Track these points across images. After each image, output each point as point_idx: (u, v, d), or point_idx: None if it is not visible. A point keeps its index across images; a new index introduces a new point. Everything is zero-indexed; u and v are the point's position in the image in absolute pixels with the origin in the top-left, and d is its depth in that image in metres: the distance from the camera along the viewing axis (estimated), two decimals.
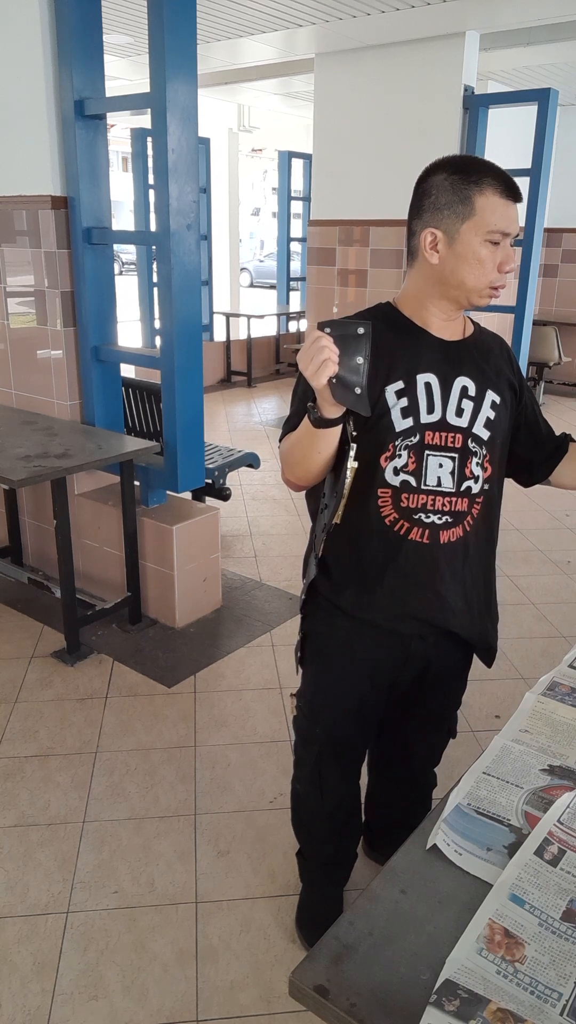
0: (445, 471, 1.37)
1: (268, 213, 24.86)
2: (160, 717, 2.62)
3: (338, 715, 1.61)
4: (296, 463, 1.35)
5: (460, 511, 1.40)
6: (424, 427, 1.36)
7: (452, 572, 1.44)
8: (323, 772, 1.68)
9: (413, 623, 1.47)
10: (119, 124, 11.98)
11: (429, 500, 1.38)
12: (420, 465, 1.36)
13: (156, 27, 2.55)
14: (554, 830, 0.95)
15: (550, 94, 4.87)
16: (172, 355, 2.89)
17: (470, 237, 1.29)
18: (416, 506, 1.38)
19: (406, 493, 1.38)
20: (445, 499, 1.39)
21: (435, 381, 1.37)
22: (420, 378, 1.36)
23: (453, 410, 1.37)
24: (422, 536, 1.40)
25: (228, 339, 8.21)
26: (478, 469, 1.40)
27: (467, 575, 1.47)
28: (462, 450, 1.38)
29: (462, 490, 1.39)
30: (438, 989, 0.76)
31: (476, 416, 1.39)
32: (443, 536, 1.40)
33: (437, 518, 1.39)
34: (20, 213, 3.11)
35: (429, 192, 1.32)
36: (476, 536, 1.45)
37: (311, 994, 0.78)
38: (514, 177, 1.35)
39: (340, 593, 1.49)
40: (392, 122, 5.46)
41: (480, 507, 1.43)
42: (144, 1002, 1.66)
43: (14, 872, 1.99)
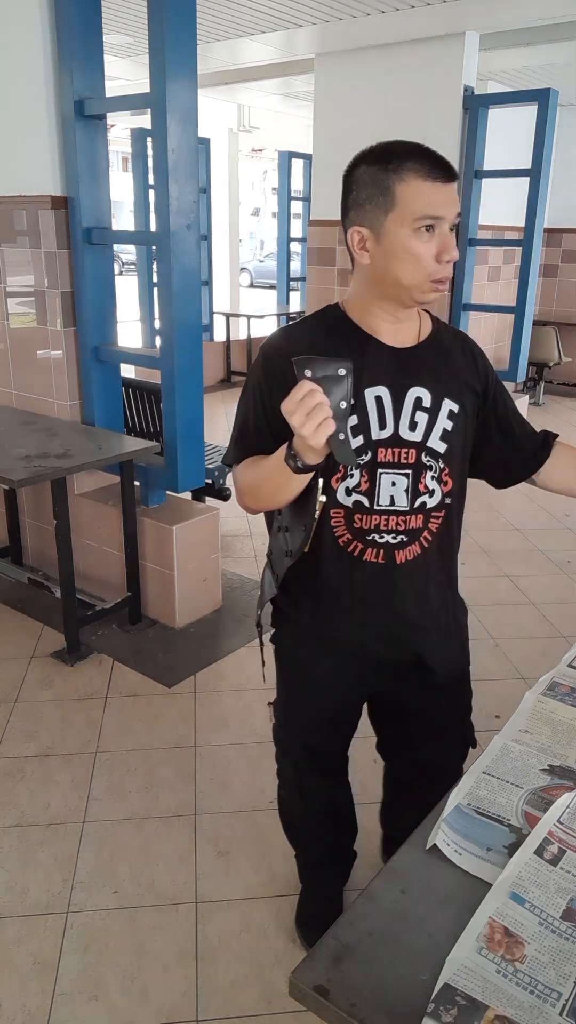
0: (399, 489, 1.30)
1: (268, 213, 24.86)
2: (160, 717, 2.62)
3: (310, 726, 1.59)
4: (264, 497, 1.31)
5: (415, 528, 1.34)
6: (376, 444, 1.28)
7: (413, 591, 1.39)
8: (302, 780, 1.67)
9: (373, 645, 1.43)
10: (119, 124, 11.97)
11: (382, 520, 1.32)
12: (373, 484, 1.30)
13: (156, 27, 2.55)
14: (554, 830, 0.95)
15: (550, 94, 4.88)
16: (172, 355, 2.89)
17: (396, 229, 1.19)
18: (369, 527, 1.32)
19: (359, 513, 1.31)
20: (399, 518, 1.32)
21: (386, 395, 1.28)
22: (370, 392, 1.27)
23: (406, 424, 1.29)
24: (377, 556, 1.34)
25: (228, 339, 8.21)
26: (433, 483, 1.33)
27: (430, 592, 1.41)
28: (415, 466, 1.31)
29: (416, 507, 1.32)
30: (436, 997, 0.76)
31: (431, 429, 1.30)
32: (399, 556, 1.34)
33: (392, 537, 1.33)
34: (20, 213, 3.10)
35: (351, 188, 1.24)
36: (437, 551, 1.39)
37: (311, 994, 0.78)
38: (514, 177, 1.32)
39: (300, 611, 1.47)
40: (392, 122, 5.43)
41: (439, 522, 1.36)
42: (144, 1002, 1.66)
43: (14, 872, 1.99)
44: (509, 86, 6.71)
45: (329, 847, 1.80)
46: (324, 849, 1.79)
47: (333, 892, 1.84)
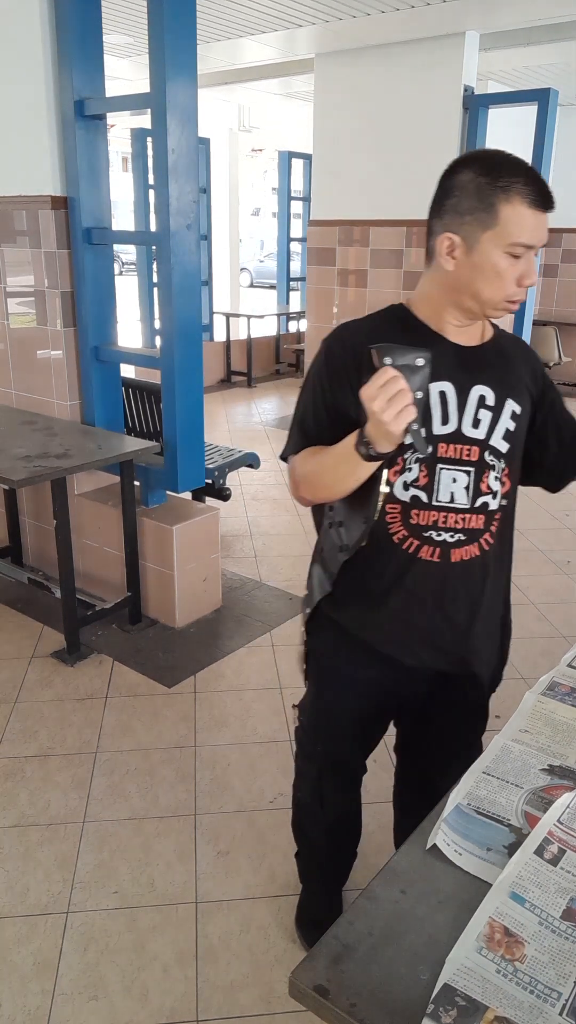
0: (459, 486, 1.29)
1: (268, 213, 24.86)
2: (160, 717, 2.62)
3: (339, 735, 1.59)
4: (324, 487, 1.30)
5: (475, 529, 1.32)
6: (437, 439, 1.27)
7: (467, 593, 1.36)
8: (324, 787, 1.67)
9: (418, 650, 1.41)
10: (119, 124, 11.97)
11: (441, 517, 1.30)
12: (432, 479, 1.28)
13: (156, 27, 2.55)
14: (554, 830, 0.95)
15: (550, 94, 4.88)
16: (172, 355, 2.89)
17: (490, 248, 1.18)
18: (427, 523, 1.30)
19: (416, 509, 1.30)
20: (458, 516, 1.30)
21: (450, 390, 1.28)
22: (434, 387, 1.26)
23: (469, 421, 1.28)
24: (432, 555, 1.32)
25: (228, 339, 8.21)
26: (496, 484, 1.31)
27: (484, 596, 1.38)
28: (478, 464, 1.29)
29: (477, 506, 1.30)
30: (435, 998, 0.76)
31: (494, 427, 1.30)
32: (455, 555, 1.32)
33: (449, 536, 1.31)
34: (20, 213, 3.10)
35: (452, 192, 1.20)
36: (494, 555, 1.36)
37: (311, 994, 0.78)
38: None
39: (342, 611, 1.44)
40: (392, 122, 5.46)
41: (497, 524, 1.35)
42: (144, 1002, 1.66)
43: (14, 872, 1.99)
44: (509, 86, 6.71)
45: (336, 853, 1.80)
46: (331, 855, 1.79)
47: (333, 893, 1.84)
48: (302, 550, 3.97)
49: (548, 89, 4.89)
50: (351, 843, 1.82)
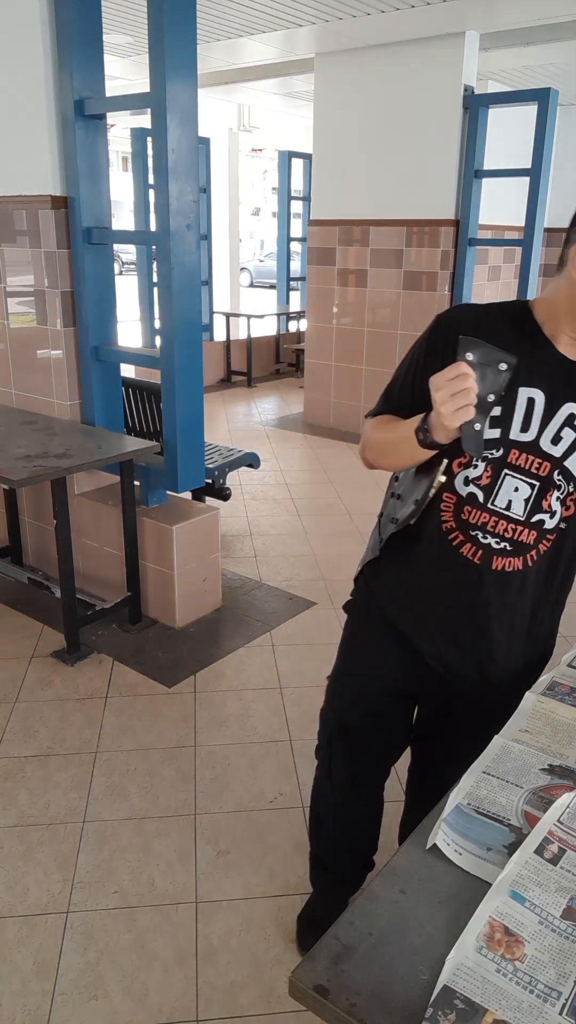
0: (519, 496, 1.25)
1: (268, 213, 24.86)
2: (160, 717, 2.62)
3: (352, 704, 1.58)
4: (384, 457, 1.33)
5: (524, 542, 1.28)
6: (511, 444, 1.23)
7: (500, 602, 1.33)
8: (332, 758, 1.65)
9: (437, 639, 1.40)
10: (119, 124, 11.97)
11: (492, 520, 1.27)
12: (494, 482, 1.25)
13: (156, 27, 2.55)
14: (554, 829, 0.95)
15: (550, 94, 4.88)
16: (172, 355, 2.89)
17: None
18: (476, 522, 1.28)
19: (470, 506, 1.28)
20: (510, 525, 1.27)
21: (540, 399, 1.22)
22: (524, 391, 1.22)
23: (550, 436, 1.23)
24: (474, 555, 1.30)
25: (228, 339, 8.21)
26: (557, 504, 1.26)
27: (517, 612, 1.35)
28: (545, 480, 1.24)
29: (532, 521, 1.27)
30: (434, 1000, 0.76)
31: (574, 450, 1.23)
32: (496, 562, 1.29)
33: (495, 542, 1.28)
34: (20, 213, 3.10)
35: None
36: (537, 572, 1.33)
37: (311, 994, 0.78)
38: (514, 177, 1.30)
39: (378, 579, 1.47)
40: (392, 122, 5.46)
41: (549, 544, 1.30)
42: (144, 1002, 1.66)
43: (14, 872, 1.99)
44: (509, 86, 6.71)
45: (341, 849, 1.76)
46: (337, 841, 1.76)
47: (333, 902, 1.80)
48: (302, 550, 3.97)
49: (548, 89, 4.89)
50: (358, 849, 1.78)
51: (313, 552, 3.93)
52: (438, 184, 5.34)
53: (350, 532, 4.20)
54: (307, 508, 4.59)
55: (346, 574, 1.63)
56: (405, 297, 5.72)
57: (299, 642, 3.11)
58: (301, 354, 7.89)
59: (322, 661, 2.81)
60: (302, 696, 2.73)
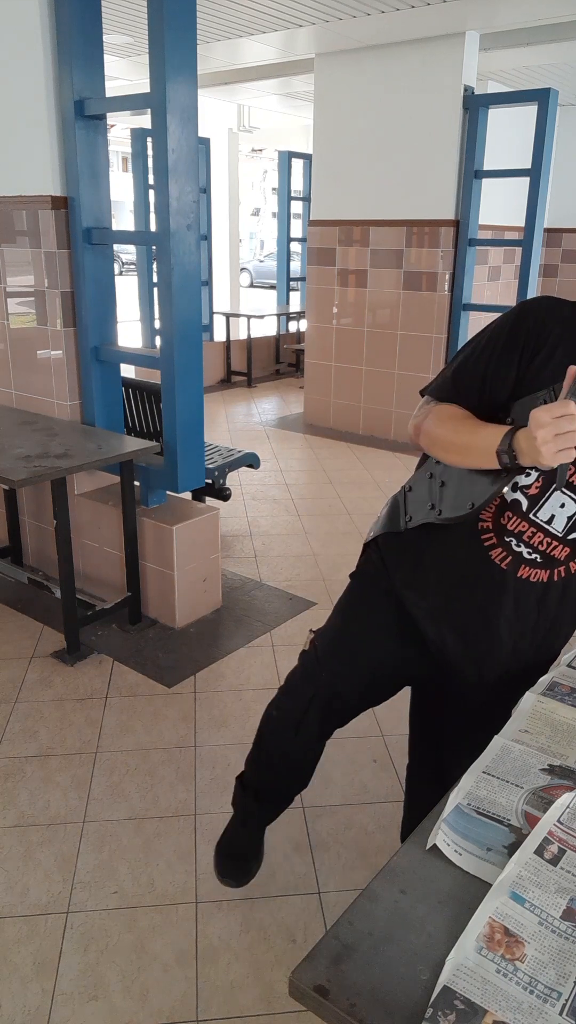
0: (564, 512, 1.24)
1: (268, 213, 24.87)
2: (160, 717, 2.62)
3: (346, 672, 1.56)
4: (447, 454, 1.27)
5: (555, 558, 1.28)
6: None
7: (517, 608, 1.33)
8: (309, 714, 1.61)
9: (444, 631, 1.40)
10: (119, 124, 11.98)
11: (529, 531, 1.26)
12: (542, 494, 1.23)
13: (156, 27, 2.55)
14: (554, 830, 0.95)
15: (550, 94, 4.88)
16: (172, 355, 2.89)
17: None
18: (514, 529, 1.27)
19: (511, 512, 1.26)
20: (546, 538, 1.26)
21: None
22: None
23: None
24: (502, 560, 1.29)
25: (228, 339, 8.21)
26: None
27: (534, 620, 1.35)
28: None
29: (570, 539, 1.26)
30: (434, 1001, 0.76)
31: None
32: (522, 570, 1.29)
33: (527, 552, 1.27)
34: (20, 213, 3.11)
35: None
36: (563, 589, 1.32)
37: (311, 994, 0.78)
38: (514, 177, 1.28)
39: (399, 557, 1.43)
40: (392, 122, 5.47)
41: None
42: (144, 1002, 1.66)
43: (14, 872, 1.99)
44: (509, 86, 6.71)
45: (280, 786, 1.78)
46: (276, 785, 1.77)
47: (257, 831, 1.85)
48: (302, 550, 3.97)
49: (548, 89, 4.89)
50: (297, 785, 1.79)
51: (313, 552, 3.93)
52: (438, 184, 5.34)
53: (350, 532, 4.20)
54: (307, 508, 4.59)
55: (346, 574, 1.63)
56: (405, 297, 5.72)
57: (299, 642, 3.11)
58: (301, 354, 7.89)
59: None
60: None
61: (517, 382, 1.23)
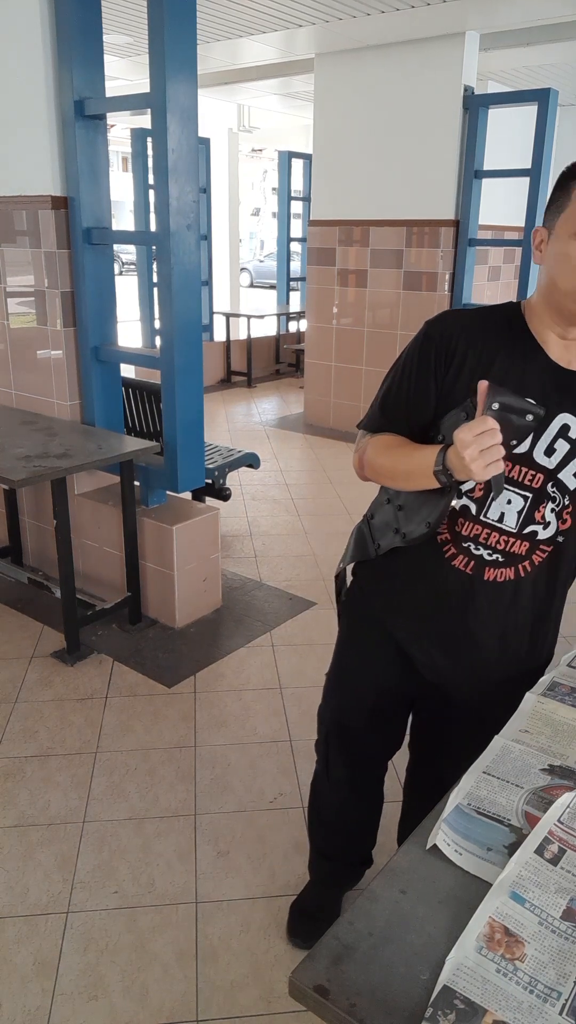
0: (512, 508, 1.25)
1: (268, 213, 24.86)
2: (160, 717, 2.62)
3: (348, 703, 1.59)
4: (392, 481, 1.32)
5: (516, 554, 1.29)
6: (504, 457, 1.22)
7: (493, 612, 1.33)
8: (329, 755, 1.66)
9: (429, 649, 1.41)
10: (119, 124, 11.98)
11: (484, 533, 1.28)
12: (487, 495, 1.26)
13: (156, 27, 2.55)
14: (554, 829, 0.95)
15: (550, 94, 4.88)
16: (172, 355, 2.89)
17: (562, 231, 1.14)
18: (468, 534, 1.29)
19: (463, 518, 1.28)
20: (502, 537, 1.27)
21: None
22: None
23: (543, 447, 1.22)
24: (465, 566, 1.30)
25: (228, 339, 8.21)
26: (551, 516, 1.26)
27: (511, 618, 1.35)
28: (539, 491, 1.24)
29: (524, 533, 1.27)
30: (434, 1000, 0.76)
31: (568, 461, 1.23)
32: (488, 573, 1.30)
33: (487, 553, 1.28)
34: (20, 213, 3.10)
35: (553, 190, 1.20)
36: (532, 583, 1.33)
37: (311, 994, 0.78)
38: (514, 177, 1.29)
39: (378, 589, 1.46)
40: (392, 122, 5.46)
41: (545, 556, 1.30)
42: (144, 1002, 1.66)
43: (14, 872, 1.99)
44: (509, 86, 6.71)
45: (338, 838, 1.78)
46: (332, 838, 1.77)
47: (329, 888, 1.83)
48: (302, 550, 3.97)
49: (548, 89, 4.89)
50: (359, 835, 1.78)
51: (313, 552, 3.93)
52: (438, 184, 5.34)
53: (350, 532, 4.19)
54: (307, 508, 4.59)
55: None
56: (405, 297, 5.72)
57: (299, 642, 3.11)
58: (301, 354, 7.89)
59: (322, 661, 2.80)
60: (302, 696, 2.73)
61: (439, 400, 1.27)
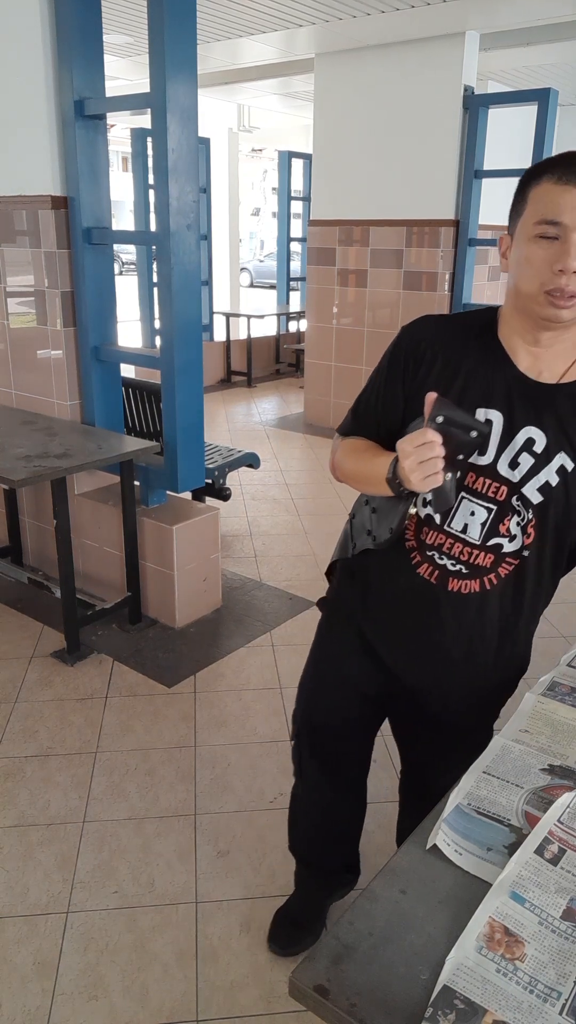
0: (476, 520, 1.23)
1: (268, 213, 24.86)
2: (160, 717, 2.62)
3: (318, 703, 1.57)
4: (357, 484, 1.32)
5: (480, 566, 1.26)
6: (469, 466, 1.20)
7: (458, 622, 1.31)
8: (302, 757, 1.64)
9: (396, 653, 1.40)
10: (119, 124, 11.98)
11: (447, 543, 1.26)
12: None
13: (156, 27, 2.55)
14: (554, 829, 0.95)
15: (550, 94, 4.88)
16: (172, 355, 2.89)
17: (521, 234, 1.13)
18: (432, 543, 1.27)
19: (427, 527, 1.27)
20: (465, 548, 1.25)
21: (499, 421, 1.20)
22: (481, 412, 1.20)
23: (508, 460, 1.20)
24: (430, 575, 1.29)
25: (228, 339, 8.21)
26: (516, 529, 1.23)
27: (476, 630, 1.32)
28: (503, 504, 1.22)
29: (489, 545, 1.24)
30: (434, 1000, 0.76)
31: (532, 475, 1.20)
32: (452, 583, 1.28)
33: (451, 563, 1.26)
34: (20, 213, 3.10)
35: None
36: (499, 597, 1.29)
37: (311, 994, 0.78)
38: (514, 177, 1.29)
39: (350, 583, 1.46)
40: (392, 122, 5.46)
41: (511, 570, 1.27)
42: (144, 1002, 1.66)
43: (14, 872, 1.99)
44: (509, 86, 6.71)
45: (315, 849, 1.75)
46: (309, 848, 1.75)
47: (312, 902, 1.80)
48: (302, 550, 3.97)
49: (548, 89, 4.89)
50: (337, 840, 1.75)
51: (313, 552, 3.93)
52: (438, 184, 5.34)
53: None
54: (307, 508, 4.59)
55: None
56: (405, 297, 5.72)
57: (299, 642, 3.11)
58: (301, 354, 7.89)
59: None
60: None
61: (407, 406, 1.27)
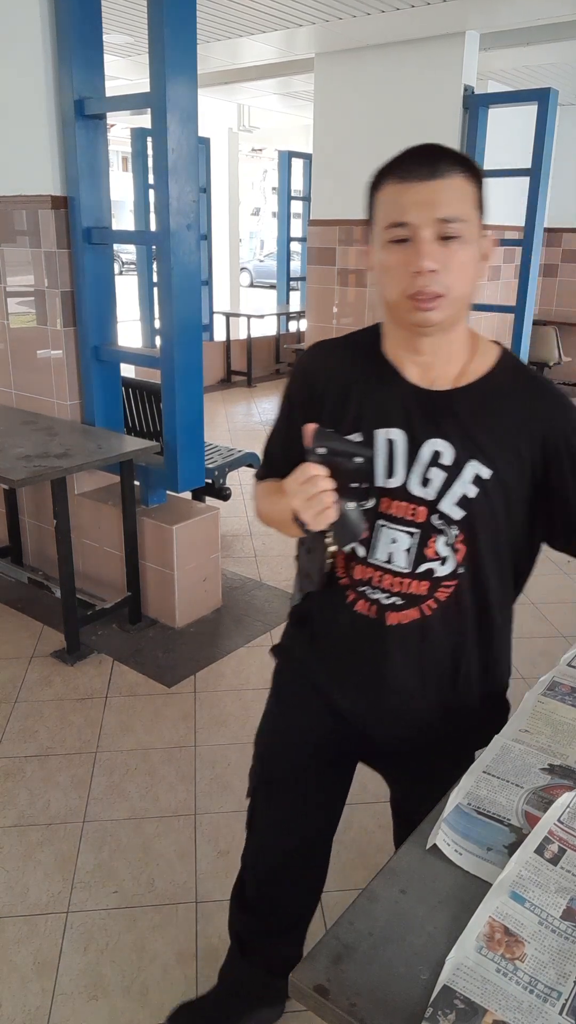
0: (399, 548, 1.14)
1: (268, 213, 24.86)
2: (160, 717, 2.62)
3: (272, 753, 1.42)
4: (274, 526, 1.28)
5: (415, 594, 1.16)
6: (379, 492, 1.13)
7: (408, 659, 1.20)
8: (255, 807, 1.45)
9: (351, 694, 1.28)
10: (119, 124, 11.98)
11: (376, 576, 1.17)
12: (372, 535, 1.15)
13: (156, 27, 2.55)
14: (554, 829, 0.95)
15: (550, 94, 4.87)
16: (172, 355, 2.89)
17: (376, 243, 1.07)
18: (362, 578, 1.18)
19: (354, 562, 1.19)
20: (395, 579, 1.16)
21: (401, 439, 1.12)
22: (381, 434, 1.12)
23: (417, 478, 1.12)
24: (368, 610, 1.19)
25: (228, 339, 8.21)
26: (445, 550, 1.13)
27: (426, 656, 1.21)
28: (424, 526, 1.13)
29: (419, 572, 1.15)
30: (434, 1000, 0.76)
31: (446, 490, 1.11)
32: (391, 617, 1.18)
33: (384, 597, 1.17)
34: (20, 213, 3.10)
35: None
36: (443, 622, 1.18)
37: (311, 994, 0.78)
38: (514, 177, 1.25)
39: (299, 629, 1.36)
40: (392, 122, 5.46)
41: (449, 592, 1.16)
42: (144, 1002, 1.66)
43: (14, 872, 1.99)
44: (509, 86, 6.71)
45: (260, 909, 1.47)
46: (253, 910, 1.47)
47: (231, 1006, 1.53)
48: None
49: (548, 89, 4.88)
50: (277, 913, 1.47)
51: None
52: None
53: None
54: None
55: None
56: None
57: None
58: None
59: None
60: None
61: None
